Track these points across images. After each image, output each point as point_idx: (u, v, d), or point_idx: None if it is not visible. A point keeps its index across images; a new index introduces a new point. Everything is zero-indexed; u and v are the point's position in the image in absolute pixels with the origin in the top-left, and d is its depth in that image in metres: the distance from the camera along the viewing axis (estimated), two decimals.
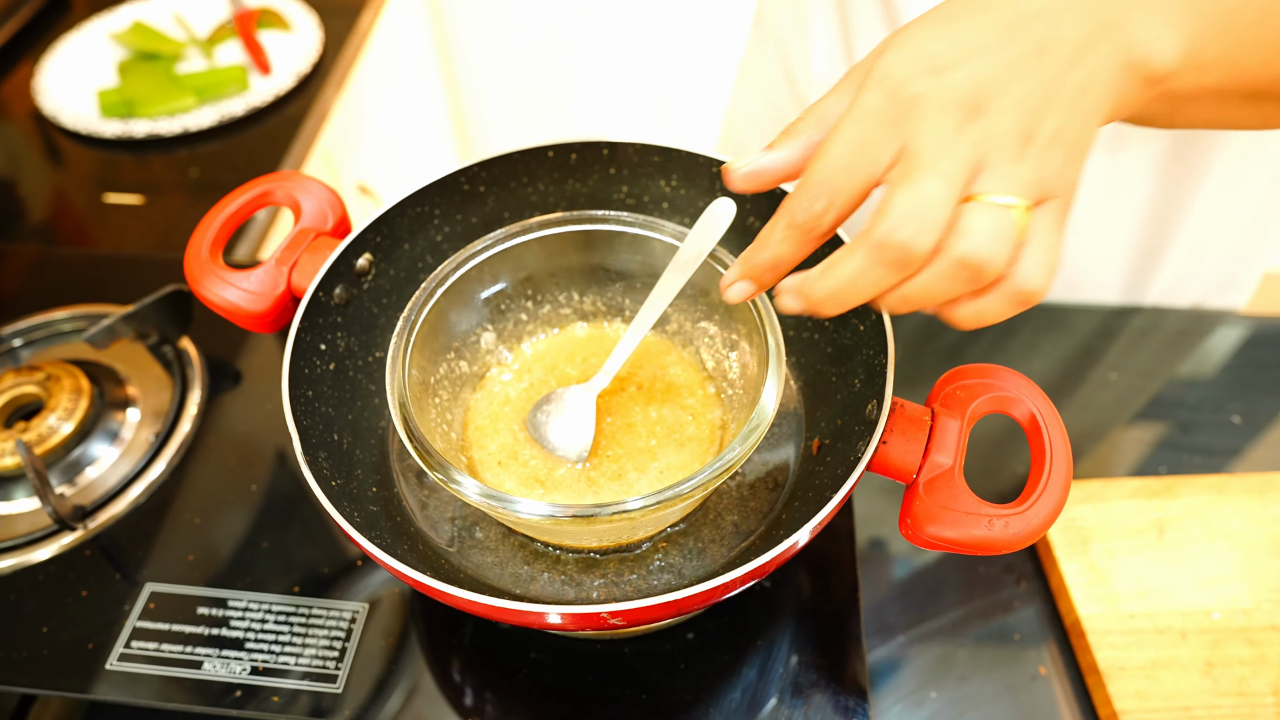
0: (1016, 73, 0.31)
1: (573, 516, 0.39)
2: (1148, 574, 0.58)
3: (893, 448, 0.42)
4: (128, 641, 0.54)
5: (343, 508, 0.42)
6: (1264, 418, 0.70)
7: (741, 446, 0.41)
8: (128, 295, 0.70)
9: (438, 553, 0.49)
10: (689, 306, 0.55)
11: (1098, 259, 0.77)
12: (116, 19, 1.24)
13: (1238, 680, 0.54)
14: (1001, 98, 0.31)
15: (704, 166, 0.56)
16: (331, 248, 0.52)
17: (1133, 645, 0.55)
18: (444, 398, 0.52)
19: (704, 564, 0.48)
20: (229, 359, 0.70)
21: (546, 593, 0.47)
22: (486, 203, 0.58)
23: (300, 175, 0.56)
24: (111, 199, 1.02)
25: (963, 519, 0.40)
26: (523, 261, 0.53)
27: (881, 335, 0.46)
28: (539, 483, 0.50)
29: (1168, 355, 0.75)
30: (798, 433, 0.53)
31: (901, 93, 0.32)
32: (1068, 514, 0.61)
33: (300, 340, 0.49)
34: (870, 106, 0.32)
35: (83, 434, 0.63)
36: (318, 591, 0.56)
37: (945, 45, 0.32)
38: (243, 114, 1.11)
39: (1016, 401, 0.43)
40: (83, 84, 1.14)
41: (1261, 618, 0.56)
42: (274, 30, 1.22)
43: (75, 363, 0.67)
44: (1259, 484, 0.63)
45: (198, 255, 0.53)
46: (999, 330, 0.76)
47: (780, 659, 0.52)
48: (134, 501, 0.61)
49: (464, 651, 0.54)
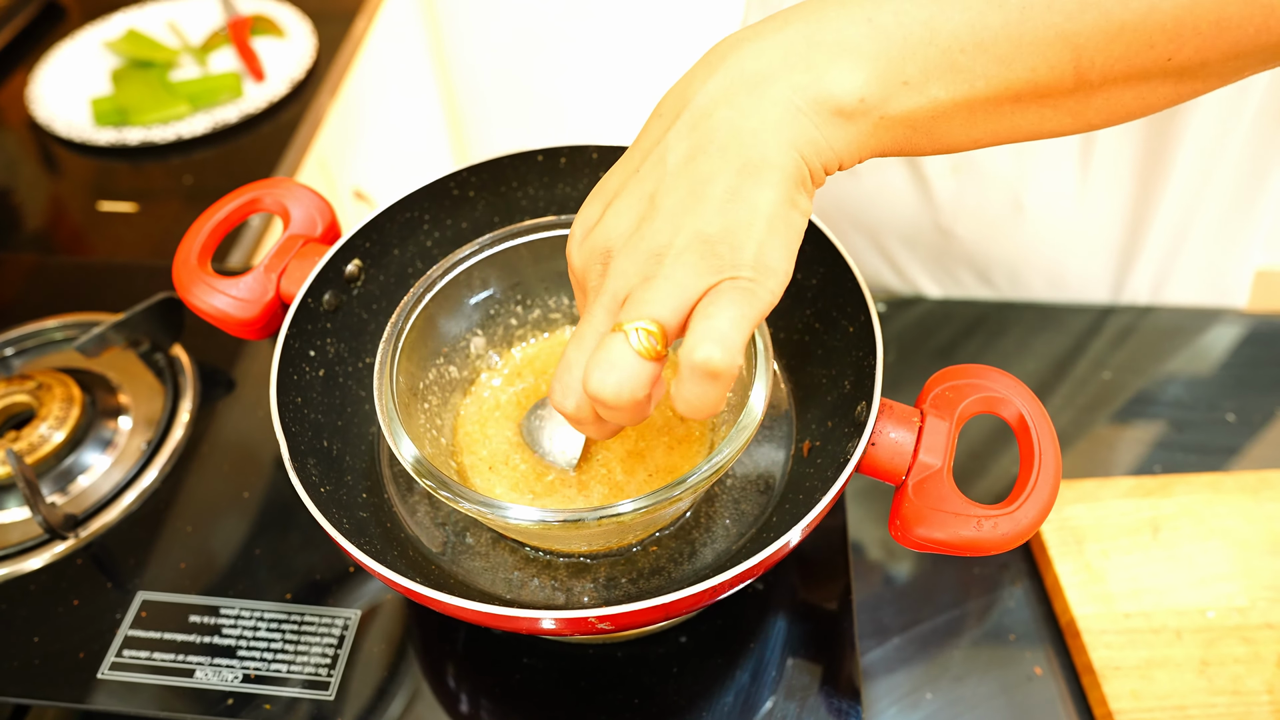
0: (648, 207, 0.33)
1: (563, 521, 0.39)
2: (1142, 573, 0.58)
3: (881, 449, 0.42)
4: (119, 650, 0.54)
5: (331, 515, 0.42)
6: (1259, 416, 0.70)
7: (730, 448, 0.41)
8: (121, 303, 0.70)
9: (428, 559, 0.49)
10: None
11: (1081, 256, 0.78)
12: (110, 27, 1.24)
13: (1233, 679, 0.54)
14: (627, 231, 0.34)
15: None
16: (320, 254, 0.52)
17: (1128, 645, 0.55)
18: (433, 403, 0.52)
19: (695, 567, 0.48)
20: (221, 366, 0.70)
21: (538, 598, 0.47)
22: (476, 207, 0.58)
23: (289, 182, 0.56)
24: (105, 207, 1.02)
25: (951, 520, 0.39)
26: (512, 266, 0.53)
27: (871, 337, 0.46)
28: (529, 488, 0.50)
29: (1161, 354, 0.75)
30: (788, 435, 0.53)
31: (574, 266, 0.37)
32: (1062, 513, 0.61)
33: (289, 347, 0.49)
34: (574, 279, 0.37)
35: (74, 442, 0.63)
36: (310, 599, 0.56)
37: (597, 203, 0.36)
38: (237, 121, 1.11)
39: (1005, 402, 0.43)
40: (77, 92, 1.15)
41: (1256, 616, 0.56)
42: (268, 37, 1.23)
43: (67, 371, 0.67)
44: (1254, 482, 0.62)
45: (186, 263, 0.53)
46: (992, 330, 0.76)
47: (773, 662, 0.52)
48: (126, 510, 0.61)
49: (458, 657, 0.54)
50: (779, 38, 0.33)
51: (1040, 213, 0.75)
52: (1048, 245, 0.77)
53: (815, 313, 0.53)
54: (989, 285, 0.82)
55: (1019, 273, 0.80)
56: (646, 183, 0.34)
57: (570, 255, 0.37)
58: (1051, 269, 0.79)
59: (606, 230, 0.34)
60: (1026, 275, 0.80)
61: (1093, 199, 0.73)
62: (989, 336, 0.76)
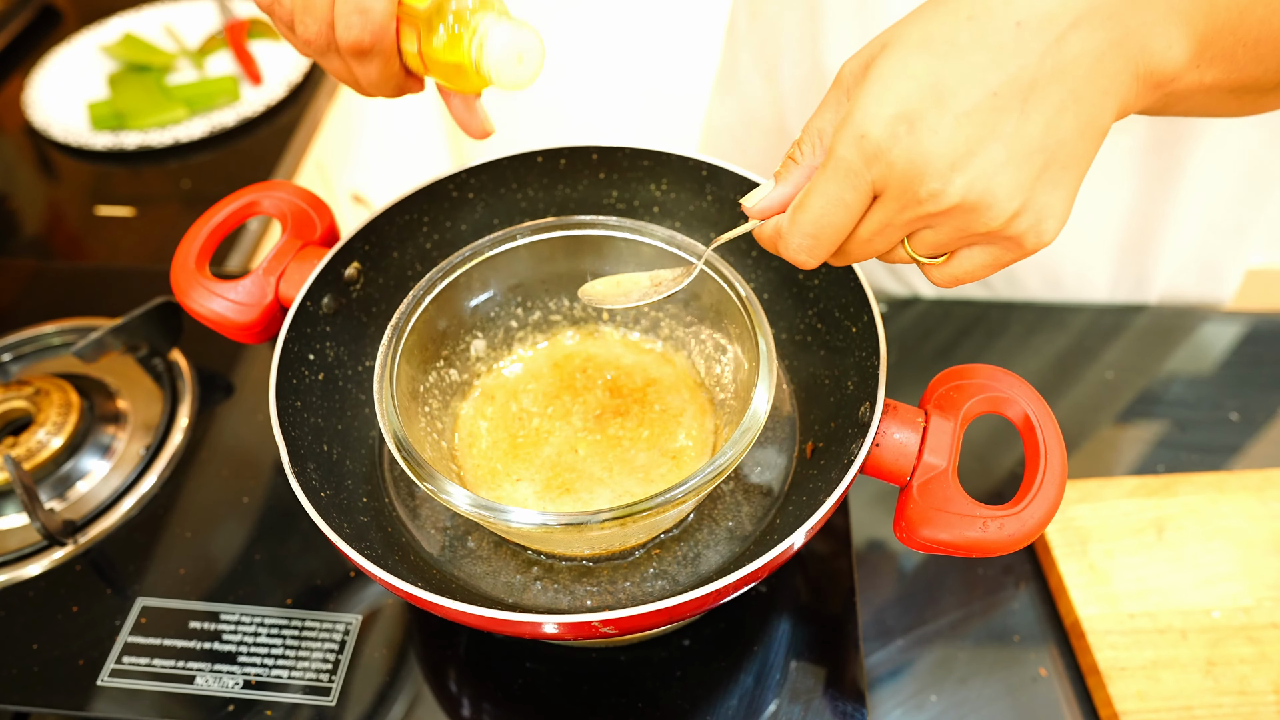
0: (1000, 126, 0.31)
1: (565, 525, 0.39)
2: (1147, 573, 0.58)
3: (886, 450, 0.42)
4: (119, 657, 0.53)
5: (332, 520, 0.42)
6: (1261, 414, 0.70)
7: (733, 450, 0.41)
8: (119, 308, 0.69)
9: (429, 563, 0.48)
10: (680, 311, 0.55)
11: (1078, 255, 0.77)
12: (107, 31, 1.24)
13: (1239, 679, 0.53)
14: (981, 159, 0.31)
15: (694, 170, 0.56)
16: (319, 257, 0.52)
17: (1133, 645, 0.55)
18: (434, 406, 0.51)
19: (698, 570, 0.48)
20: (220, 370, 0.70)
21: (540, 602, 0.47)
22: (476, 209, 0.58)
23: (287, 184, 0.56)
24: (103, 211, 1.02)
25: (957, 521, 0.39)
26: (512, 268, 0.53)
27: (874, 337, 0.46)
28: (531, 491, 0.50)
29: (1164, 353, 0.75)
30: (791, 436, 0.53)
31: (878, 155, 0.32)
32: (1066, 514, 0.61)
33: (288, 350, 0.48)
34: (846, 164, 0.33)
35: (72, 448, 0.63)
36: (311, 604, 0.55)
37: (929, 92, 0.31)
38: (234, 124, 1.10)
39: (1010, 402, 0.42)
40: (73, 96, 1.14)
41: (1262, 615, 0.56)
42: (265, 40, 1.22)
43: (65, 377, 0.67)
44: (1258, 481, 0.62)
45: (184, 267, 0.53)
46: (991, 330, 0.76)
47: (777, 665, 0.52)
48: (125, 515, 0.60)
49: (459, 662, 0.53)
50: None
51: None
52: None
53: (818, 313, 0.53)
54: (985, 285, 0.82)
55: (1015, 272, 0.80)
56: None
57: (870, 123, 0.33)
58: (1048, 267, 0.78)
59: (958, 141, 0.32)
60: (1022, 274, 0.80)
61: (1090, 197, 0.73)
62: (988, 336, 0.76)
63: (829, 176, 0.34)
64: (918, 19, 0.33)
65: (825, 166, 0.34)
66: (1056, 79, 0.31)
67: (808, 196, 0.35)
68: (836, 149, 0.33)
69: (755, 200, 0.38)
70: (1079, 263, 0.78)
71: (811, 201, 0.35)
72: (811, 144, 0.36)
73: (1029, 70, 0.31)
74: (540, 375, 0.55)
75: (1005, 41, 0.31)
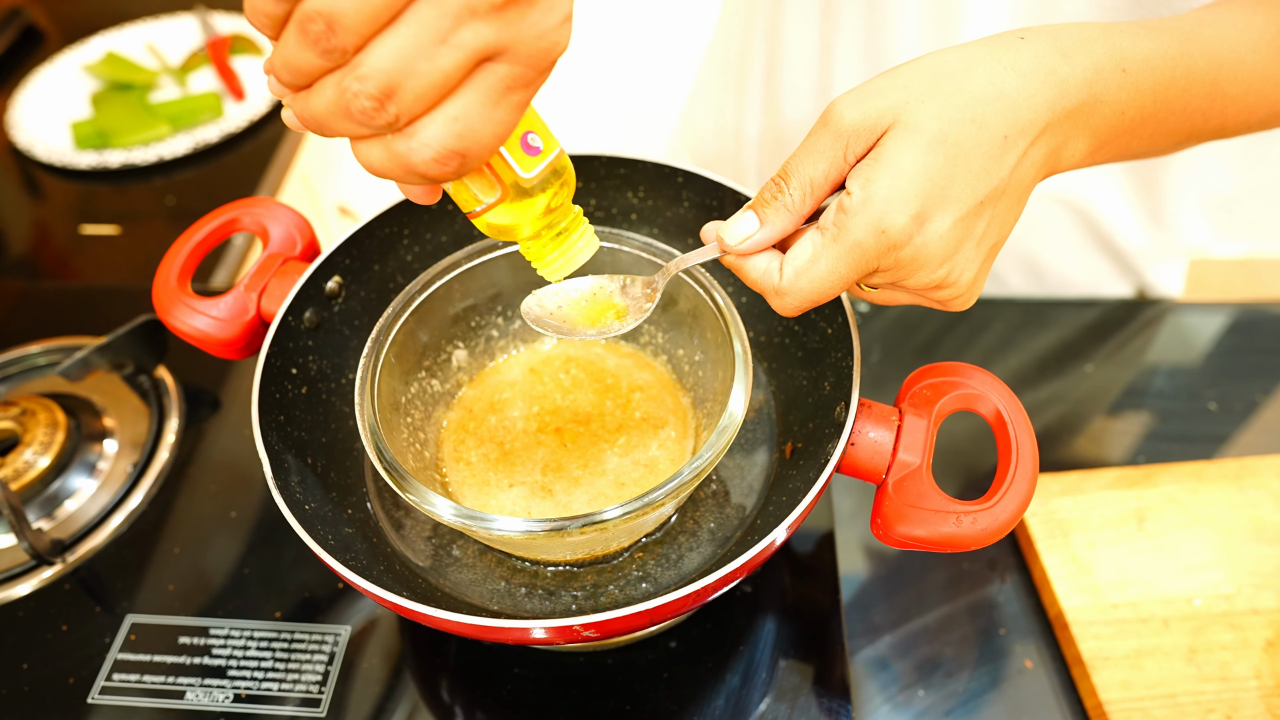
0: (976, 228, 0.37)
1: (547, 530, 0.39)
2: (1129, 563, 0.59)
3: (860, 449, 0.42)
4: (109, 674, 0.53)
5: (316, 532, 0.42)
6: (1239, 404, 0.70)
7: (712, 451, 0.41)
8: (104, 326, 0.70)
9: (415, 573, 0.49)
10: (658, 317, 0.55)
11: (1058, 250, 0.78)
12: (89, 50, 1.24)
13: (1221, 665, 0.54)
14: (961, 255, 0.37)
15: (670, 177, 0.56)
16: (300, 271, 0.52)
17: (1116, 635, 0.55)
18: (416, 417, 0.52)
19: (681, 572, 0.48)
20: (206, 386, 0.70)
21: (525, 607, 0.47)
22: (456, 221, 0.58)
23: (268, 200, 0.57)
24: (88, 230, 1.02)
25: (931, 517, 0.40)
26: (492, 278, 0.53)
27: (848, 338, 0.46)
28: (513, 499, 0.50)
29: (1142, 346, 0.75)
30: (771, 438, 0.53)
31: (892, 249, 0.36)
32: (1048, 506, 0.62)
33: (270, 365, 0.49)
34: (862, 250, 0.36)
35: (60, 467, 0.63)
36: (300, 616, 0.56)
37: (939, 195, 0.35)
38: (218, 140, 1.11)
39: (982, 398, 0.43)
40: (56, 116, 1.15)
41: (1242, 602, 0.56)
42: (247, 56, 1.23)
43: (51, 396, 0.67)
44: (1236, 470, 0.63)
45: (166, 284, 0.53)
46: (974, 326, 0.77)
47: (763, 664, 0.52)
48: (113, 533, 0.61)
49: (449, 670, 0.54)
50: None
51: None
52: (1024, 239, 0.78)
53: None
54: None
55: (996, 268, 0.81)
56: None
57: (890, 216, 0.36)
58: (1029, 262, 0.79)
59: (951, 236, 0.37)
60: (1004, 271, 0.81)
61: (1069, 193, 0.74)
62: (971, 333, 0.76)
63: (842, 255, 0.36)
64: (927, 102, 0.35)
65: (838, 242, 0.36)
66: (1015, 187, 0.37)
67: (814, 265, 0.37)
68: (854, 231, 0.35)
69: (738, 240, 0.38)
70: (1059, 257, 0.79)
71: (817, 271, 0.37)
72: (802, 192, 0.37)
73: (1003, 182, 0.36)
74: (522, 383, 0.56)
75: (994, 153, 0.36)
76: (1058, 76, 0.37)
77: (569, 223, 0.39)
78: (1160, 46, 0.40)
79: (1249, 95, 0.45)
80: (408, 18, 0.26)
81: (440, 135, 0.28)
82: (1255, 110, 0.47)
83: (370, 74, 0.26)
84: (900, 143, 0.35)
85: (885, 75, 0.36)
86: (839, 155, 0.36)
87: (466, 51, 0.27)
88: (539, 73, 0.29)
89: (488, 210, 0.36)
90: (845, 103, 0.36)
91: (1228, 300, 0.80)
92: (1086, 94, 0.37)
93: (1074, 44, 0.38)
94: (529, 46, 0.28)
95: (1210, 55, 0.43)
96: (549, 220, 0.38)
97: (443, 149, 0.28)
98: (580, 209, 0.40)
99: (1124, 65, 0.39)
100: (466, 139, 0.29)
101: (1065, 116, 0.37)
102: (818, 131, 0.36)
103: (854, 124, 0.35)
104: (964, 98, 0.35)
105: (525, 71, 0.29)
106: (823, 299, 0.38)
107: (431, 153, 0.28)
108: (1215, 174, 0.72)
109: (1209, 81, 0.43)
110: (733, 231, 0.38)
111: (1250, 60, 0.44)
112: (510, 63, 0.28)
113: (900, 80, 0.36)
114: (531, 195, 0.35)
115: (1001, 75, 0.36)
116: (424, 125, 0.28)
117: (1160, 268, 0.79)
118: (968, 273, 0.38)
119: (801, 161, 0.37)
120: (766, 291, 0.39)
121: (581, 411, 0.54)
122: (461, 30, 0.27)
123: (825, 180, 0.36)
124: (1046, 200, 0.74)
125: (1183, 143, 0.47)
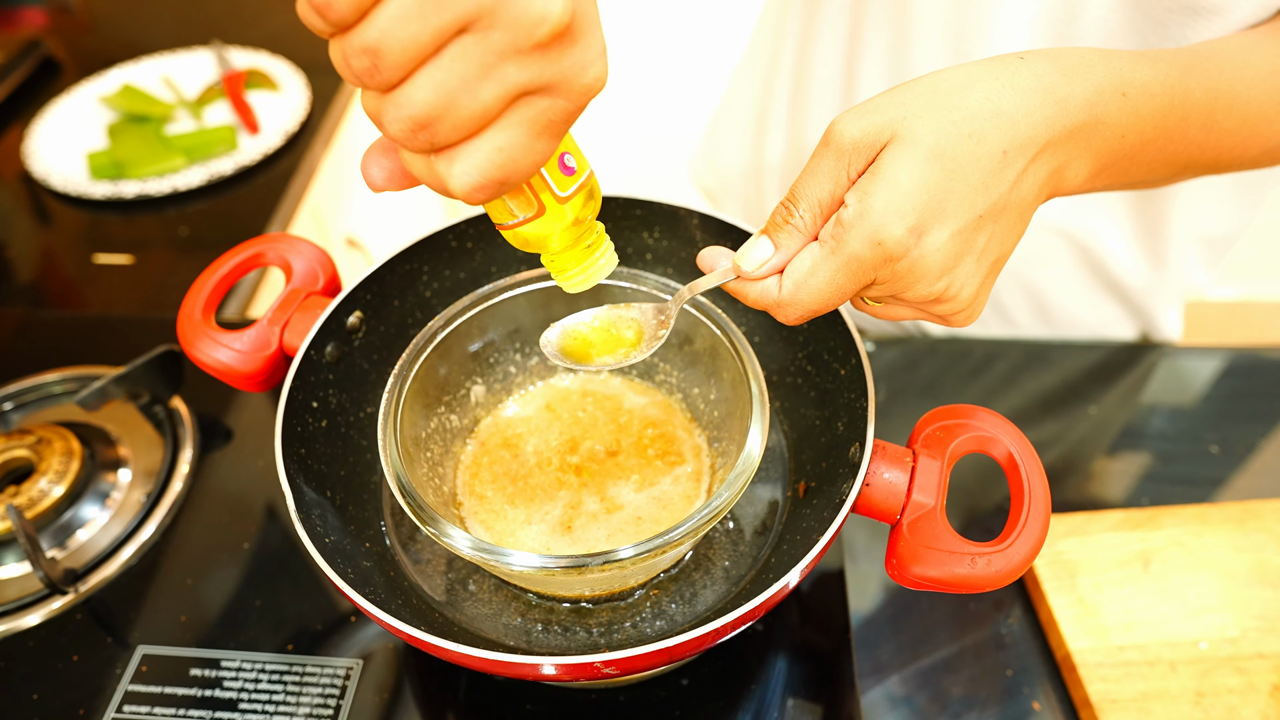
0: (976, 243, 0.37)
1: (564, 567, 0.40)
2: (1135, 605, 0.59)
3: (876, 490, 0.43)
4: (120, 706, 0.53)
5: (337, 565, 0.43)
6: (1241, 447, 0.71)
7: (729, 491, 0.42)
8: (118, 356, 0.70)
9: (432, 607, 0.49)
10: (674, 355, 0.56)
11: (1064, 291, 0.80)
12: (106, 82, 1.26)
13: (1228, 709, 0.54)
14: (960, 269, 0.37)
15: (685, 219, 0.58)
16: (323, 307, 0.53)
17: (1124, 678, 0.56)
18: (435, 451, 0.52)
19: (696, 610, 0.49)
20: (220, 417, 0.71)
21: (540, 643, 0.48)
22: (474, 258, 0.59)
23: (291, 237, 0.58)
24: (101, 259, 1.03)
25: (946, 558, 0.40)
26: (510, 315, 0.54)
27: (862, 379, 0.47)
28: (531, 535, 0.51)
29: (1145, 388, 0.76)
30: (784, 476, 0.54)
31: (888, 260, 0.36)
32: (1054, 548, 0.62)
33: (293, 399, 0.50)
34: (859, 261, 0.36)
35: (74, 496, 0.63)
36: (311, 649, 0.56)
37: (936, 208, 0.36)
38: (232, 173, 1.12)
39: (995, 441, 0.44)
40: (73, 146, 1.16)
41: (1248, 646, 0.57)
42: (262, 90, 1.25)
43: (66, 425, 0.67)
44: (1239, 513, 0.64)
45: (190, 317, 0.54)
46: (977, 366, 0.78)
47: (774, 703, 0.53)
48: (125, 563, 0.61)
49: (459, 705, 0.54)
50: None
51: (1022, 246, 0.77)
52: (1031, 279, 0.79)
53: (807, 355, 0.55)
54: (979, 323, 0.84)
55: (1003, 307, 0.82)
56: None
57: (887, 228, 0.36)
58: (1037, 301, 0.80)
59: (950, 248, 0.38)
60: (1012, 309, 0.82)
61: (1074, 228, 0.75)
62: (974, 373, 0.77)
63: (840, 267, 0.37)
64: (925, 117, 0.36)
65: (836, 254, 0.37)
66: (1017, 205, 0.38)
67: (813, 277, 0.37)
68: (850, 244, 0.36)
69: (755, 265, 0.39)
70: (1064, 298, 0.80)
71: (816, 282, 0.38)
72: (812, 213, 0.38)
73: (1003, 198, 0.37)
74: (539, 419, 0.57)
75: (993, 168, 0.36)
76: (1057, 95, 0.37)
77: (594, 238, 0.41)
78: (1160, 74, 0.41)
79: (1243, 130, 0.46)
80: (452, 50, 0.27)
81: (482, 164, 0.30)
82: (1249, 146, 0.48)
83: (408, 104, 0.28)
84: (897, 157, 0.35)
85: (885, 94, 0.37)
86: (841, 173, 0.37)
87: (508, 87, 0.29)
88: (579, 107, 0.31)
89: (521, 224, 0.37)
90: (845, 121, 0.37)
91: (1226, 344, 0.81)
92: (1088, 115, 0.38)
93: (1075, 65, 0.38)
94: (571, 84, 0.30)
95: (1207, 88, 0.44)
96: (577, 234, 0.39)
97: (484, 178, 0.30)
98: (603, 225, 0.42)
99: (1124, 90, 0.40)
100: (508, 169, 0.30)
101: (1066, 136, 0.38)
102: (820, 152, 0.38)
103: (854, 141, 0.36)
104: (961, 113, 0.36)
105: (567, 105, 0.30)
106: (823, 309, 0.39)
107: (472, 180, 0.30)
108: (1214, 215, 0.74)
109: (1205, 113, 0.44)
110: (749, 258, 0.39)
111: (1245, 96, 0.46)
112: (553, 97, 0.30)
113: (899, 97, 0.37)
114: (564, 211, 0.37)
115: (999, 93, 0.36)
116: (468, 153, 0.30)
117: (1163, 310, 0.80)
118: (968, 287, 0.38)
119: (808, 183, 0.38)
120: (767, 306, 0.40)
121: (598, 448, 0.54)
122: (505, 66, 0.28)
123: (832, 199, 0.37)
124: (1052, 234, 0.75)
125: (1180, 173, 0.47)
